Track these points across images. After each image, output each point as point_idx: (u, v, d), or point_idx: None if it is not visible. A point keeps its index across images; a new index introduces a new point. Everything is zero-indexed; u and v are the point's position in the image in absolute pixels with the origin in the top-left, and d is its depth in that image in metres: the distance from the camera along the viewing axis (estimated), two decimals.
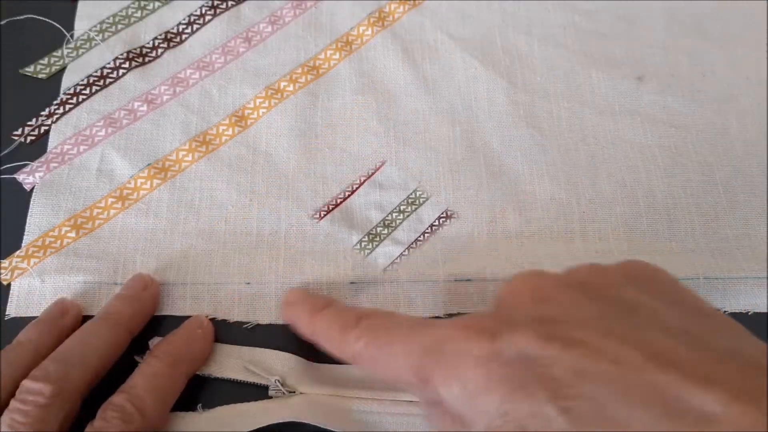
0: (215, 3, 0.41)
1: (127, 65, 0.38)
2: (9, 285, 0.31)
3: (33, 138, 0.36)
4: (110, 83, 0.38)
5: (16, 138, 0.36)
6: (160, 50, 0.39)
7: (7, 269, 0.31)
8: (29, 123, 0.36)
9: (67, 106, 0.37)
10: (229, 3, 0.41)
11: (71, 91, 0.37)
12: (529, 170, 0.36)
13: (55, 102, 0.37)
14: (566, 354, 0.18)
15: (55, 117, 0.36)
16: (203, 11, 0.40)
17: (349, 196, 0.35)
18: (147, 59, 0.39)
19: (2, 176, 0.34)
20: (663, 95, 0.38)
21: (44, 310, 0.29)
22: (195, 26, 0.40)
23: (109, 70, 0.38)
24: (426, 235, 0.33)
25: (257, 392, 0.29)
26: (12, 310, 0.31)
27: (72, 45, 0.39)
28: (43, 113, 0.36)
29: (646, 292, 0.21)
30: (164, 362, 0.27)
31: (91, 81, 0.37)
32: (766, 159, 0.36)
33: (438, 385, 0.20)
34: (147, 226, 0.33)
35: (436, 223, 0.34)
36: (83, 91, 0.37)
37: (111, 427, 0.24)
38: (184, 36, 0.40)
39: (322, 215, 0.34)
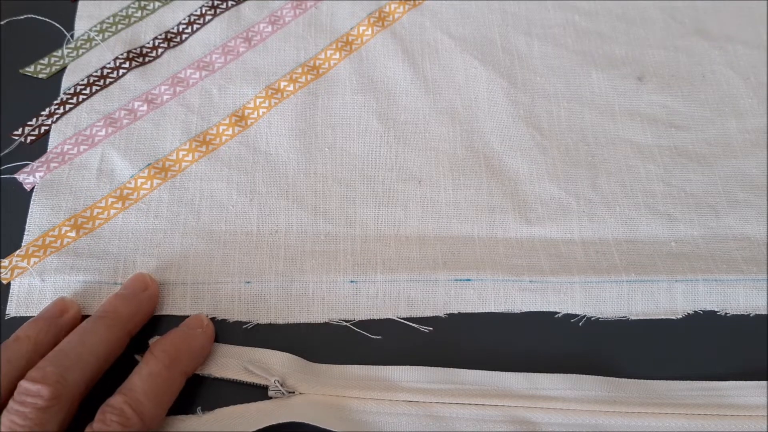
0: (215, 3, 0.41)
1: (127, 65, 0.38)
2: (9, 284, 0.31)
3: (33, 138, 0.36)
4: (110, 83, 0.38)
5: (16, 138, 0.36)
6: (160, 50, 0.39)
7: (7, 268, 0.31)
8: (29, 123, 0.36)
9: (67, 106, 0.37)
10: (229, 3, 0.41)
11: (71, 91, 0.37)
12: (529, 170, 0.36)
13: (55, 102, 0.37)
14: None
15: (55, 117, 0.36)
16: (203, 11, 0.40)
17: None
18: (147, 59, 0.39)
19: (2, 176, 0.34)
20: (663, 95, 0.38)
21: (44, 309, 0.29)
22: (195, 26, 0.40)
23: (109, 70, 0.38)
24: None
25: (257, 393, 0.29)
26: (12, 309, 0.31)
27: (72, 45, 0.39)
28: (43, 113, 0.36)
29: None
30: (162, 362, 0.27)
31: (91, 81, 0.37)
32: (766, 159, 0.36)
33: None
34: (147, 226, 0.33)
35: None
36: (83, 91, 0.37)
37: (110, 430, 0.24)
38: (184, 36, 0.40)
39: None
